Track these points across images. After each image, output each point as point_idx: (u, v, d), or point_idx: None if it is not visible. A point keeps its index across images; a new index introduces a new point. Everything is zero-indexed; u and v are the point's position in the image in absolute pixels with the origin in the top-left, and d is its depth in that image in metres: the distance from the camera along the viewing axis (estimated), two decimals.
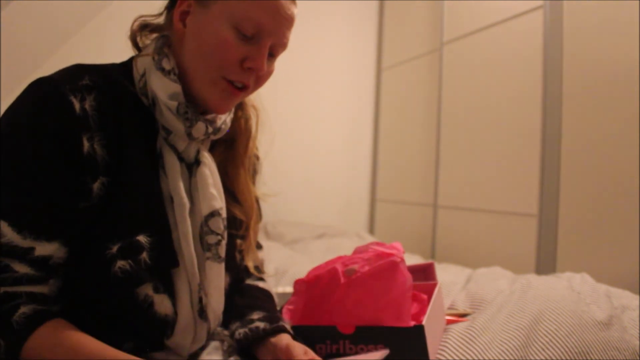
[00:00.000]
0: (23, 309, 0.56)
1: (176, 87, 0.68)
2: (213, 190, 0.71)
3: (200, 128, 0.69)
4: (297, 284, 0.83)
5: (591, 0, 1.68)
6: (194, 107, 0.70)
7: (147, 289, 0.64)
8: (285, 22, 0.69)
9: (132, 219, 0.63)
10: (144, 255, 0.63)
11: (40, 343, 0.55)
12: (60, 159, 0.60)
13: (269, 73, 0.73)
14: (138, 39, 0.75)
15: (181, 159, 0.70)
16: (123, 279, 0.61)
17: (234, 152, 0.82)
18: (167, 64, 0.69)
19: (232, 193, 0.81)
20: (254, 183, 0.88)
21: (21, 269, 0.57)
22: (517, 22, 1.98)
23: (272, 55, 0.72)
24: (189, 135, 0.69)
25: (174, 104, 0.67)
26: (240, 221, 0.82)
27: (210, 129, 0.71)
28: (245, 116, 0.83)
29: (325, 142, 2.79)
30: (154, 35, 0.75)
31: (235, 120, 0.81)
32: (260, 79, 0.72)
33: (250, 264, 0.84)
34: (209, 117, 0.72)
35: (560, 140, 1.77)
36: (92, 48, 1.92)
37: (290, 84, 2.58)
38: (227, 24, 0.66)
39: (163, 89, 0.67)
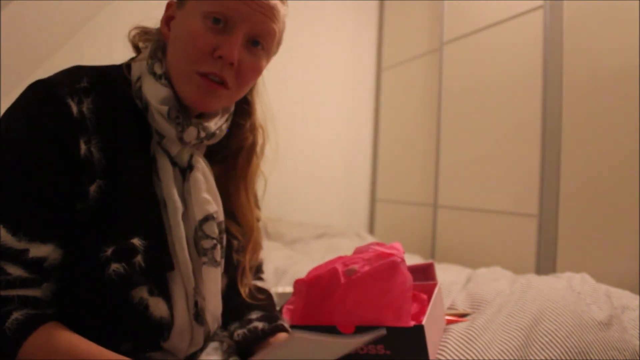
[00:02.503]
0: (15, 315, 0.56)
1: (167, 92, 0.67)
2: (206, 195, 0.71)
3: (191, 133, 0.68)
4: (297, 284, 0.83)
5: (591, 0, 1.69)
6: (186, 111, 0.69)
7: (141, 292, 0.64)
8: (259, 9, 0.65)
9: (127, 222, 0.63)
10: (139, 258, 0.62)
11: (35, 349, 0.55)
12: (57, 161, 0.59)
13: (255, 69, 0.69)
14: (139, 43, 0.75)
15: (174, 163, 0.70)
16: (117, 281, 0.61)
17: (235, 170, 0.80)
18: (158, 69, 0.68)
19: (230, 211, 0.79)
20: (258, 207, 0.86)
21: (15, 271, 0.57)
22: (517, 22, 1.98)
23: (257, 45, 0.68)
24: (181, 139, 0.68)
25: (164, 108, 0.66)
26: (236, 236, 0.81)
27: (203, 134, 0.70)
28: (250, 135, 0.81)
29: (325, 142, 2.79)
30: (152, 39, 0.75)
31: (238, 137, 0.80)
32: (241, 74, 0.68)
33: (243, 290, 0.81)
34: (205, 122, 0.70)
35: (560, 140, 1.77)
36: (92, 48, 1.92)
37: (290, 83, 2.58)
38: (197, 16, 0.65)
39: (154, 94, 0.67)
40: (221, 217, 0.73)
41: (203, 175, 0.71)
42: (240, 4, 0.64)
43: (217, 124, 0.72)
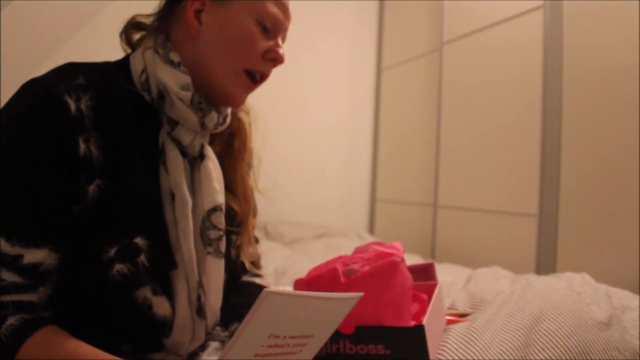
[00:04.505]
0: (10, 320, 0.54)
1: (187, 79, 0.68)
2: (216, 185, 0.71)
3: (213, 118, 0.71)
4: (297, 284, 0.82)
5: (591, 0, 1.69)
6: (207, 97, 0.71)
7: (145, 292, 0.63)
8: (289, 17, 0.74)
9: (129, 221, 0.62)
10: (142, 257, 0.62)
11: (31, 353, 0.53)
12: (54, 162, 0.58)
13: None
14: (132, 36, 0.75)
15: (184, 153, 0.70)
16: (121, 282, 0.61)
17: (232, 147, 0.83)
18: (175, 57, 0.69)
19: (227, 186, 0.81)
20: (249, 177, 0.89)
21: (9, 277, 0.56)
22: (517, 22, 1.98)
23: None
24: (202, 125, 0.69)
25: (187, 94, 0.67)
26: (235, 215, 0.81)
27: (221, 119, 0.73)
28: (241, 114, 0.85)
29: (325, 142, 2.79)
30: (142, 33, 0.75)
31: (233, 118, 0.83)
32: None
33: (246, 260, 0.84)
34: (221, 108, 0.74)
35: (560, 140, 1.77)
36: (92, 48, 1.92)
37: (291, 84, 2.58)
38: (250, 18, 0.70)
39: (174, 81, 0.68)
40: (224, 207, 0.74)
41: (213, 164, 0.72)
42: (282, 14, 0.73)
43: (225, 110, 0.76)
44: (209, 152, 0.73)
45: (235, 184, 0.82)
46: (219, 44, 0.69)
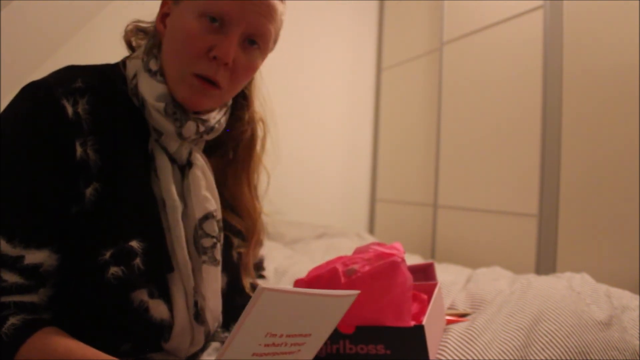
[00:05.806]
0: (12, 320, 0.55)
1: (162, 88, 0.67)
2: (206, 193, 0.70)
3: (190, 127, 0.67)
4: (297, 283, 0.82)
5: (591, 0, 1.69)
6: (182, 106, 0.68)
7: (141, 295, 0.63)
8: (256, 8, 0.65)
9: (125, 225, 0.62)
10: (137, 260, 0.62)
11: (31, 353, 0.54)
12: (52, 165, 0.59)
13: (250, 68, 0.69)
14: (132, 40, 0.75)
15: (173, 160, 0.69)
16: (117, 285, 0.61)
17: (236, 163, 0.80)
18: (154, 65, 0.68)
19: (232, 205, 0.80)
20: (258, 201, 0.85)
21: (10, 278, 0.56)
22: (517, 22, 1.98)
23: (254, 44, 0.68)
24: (180, 135, 0.67)
25: (161, 105, 0.66)
26: (239, 231, 0.81)
27: (202, 128, 0.69)
28: (250, 129, 0.81)
29: (325, 142, 2.79)
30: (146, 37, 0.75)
31: (237, 130, 0.80)
32: (235, 73, 0.67)
33: (246, 283, 0.82)
34: (203, 116, 0.70)
35: (560, 140, 1.77)
36: (92, 48, 1.92)
37: (290, 83, 2.58)
38: (193, 14, 0.64)
39: (150, 91, 0.67)
40: (219, 214, 0.73)
41: (202, 172, 0.71)
42: (236, 4, 0.63)
43: (215, 118, 0.72)
44: (198, 160, 0.71)
45: (241, 206, 0.80)
46: (168, 47, 0.67)
